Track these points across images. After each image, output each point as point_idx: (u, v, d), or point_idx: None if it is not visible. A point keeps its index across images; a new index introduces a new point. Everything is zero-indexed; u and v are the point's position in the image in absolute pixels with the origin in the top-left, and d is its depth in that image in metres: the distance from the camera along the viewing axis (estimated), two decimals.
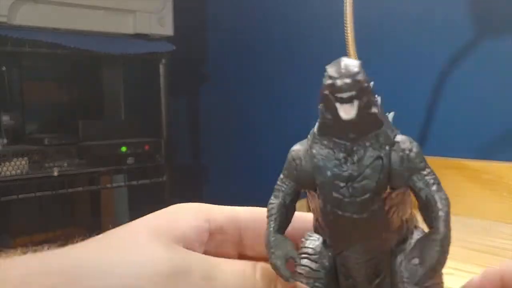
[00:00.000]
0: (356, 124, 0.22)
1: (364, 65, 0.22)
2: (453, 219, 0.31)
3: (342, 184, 0.23)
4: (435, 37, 0.79)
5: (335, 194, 0.23)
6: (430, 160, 0.28)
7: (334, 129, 0.23)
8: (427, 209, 0.22)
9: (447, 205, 0.22)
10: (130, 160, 1.12)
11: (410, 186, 0.23)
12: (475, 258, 0.52)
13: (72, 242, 0.24)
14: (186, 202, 0.26)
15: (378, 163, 0.23)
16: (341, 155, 0.23)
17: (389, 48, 0.84)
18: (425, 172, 0.23)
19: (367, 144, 0.23)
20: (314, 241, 0.27)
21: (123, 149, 1.12)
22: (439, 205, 0.22)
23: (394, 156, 0.23)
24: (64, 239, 0.25)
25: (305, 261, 0.28)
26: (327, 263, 0.27)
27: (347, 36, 0.65)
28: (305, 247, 0.27)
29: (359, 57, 0.66)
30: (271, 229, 0.25)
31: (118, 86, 1.31)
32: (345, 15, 0.66)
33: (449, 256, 0.28)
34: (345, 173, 0.23)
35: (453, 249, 0.29)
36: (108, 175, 1.21)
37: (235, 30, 1.22)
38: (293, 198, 0.26)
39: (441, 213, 0.22)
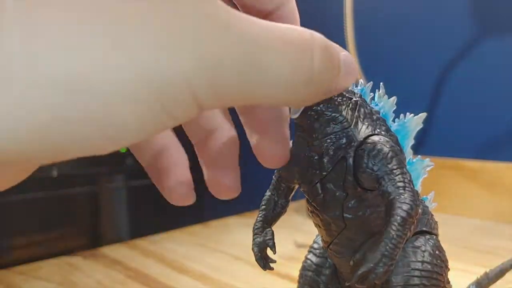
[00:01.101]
0: (311, 123, 0.23)
1: (363, 65, 0.22)
2: (452, 218, 0.31)
3: (315, 181, 0.24)
4: (434, 37, 0.79)
5: (310, 190, 0.24)
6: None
7: (302, 128, 0.24)
8: (387, 212, 0.22)
9: (407, 211, 0.21)
10: (129, 161, 1.12)
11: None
12: (474, 258, 0.52)
13: (71, 243, 0.23)
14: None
15: (342, 163, 0.23)
16: (313, 153, 0.23)
17: (389, 48, 0.84)
18: (392, 175, 0.22)
19: (333, 144, 0.23)
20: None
21: (123, 149, 1.12)
22: (394, 210, 0.21)
23: (361, 157, 0.23)
24: (63, 239, 0.24)
25: (309, 255, 0.29)
26: (330, 259, 0.28)
27: (347, 36, 0.66)
28: (314, 242, 0.29)
29: (359, 57, 0.66)
30: (258, 218, 0.26)
31: None
32: (345, 15, 0.66)
33: (448, 256, 0.28)
34: (317, 171, 0.24)
35: (452, 249, 0.30)
36: (108, 175, 1.21)
37: None
38: (284, 191, 0.27)
39: (394, 218, 0.21)
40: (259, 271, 0.45)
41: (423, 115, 0.27)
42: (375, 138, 0.23)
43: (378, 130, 0.24)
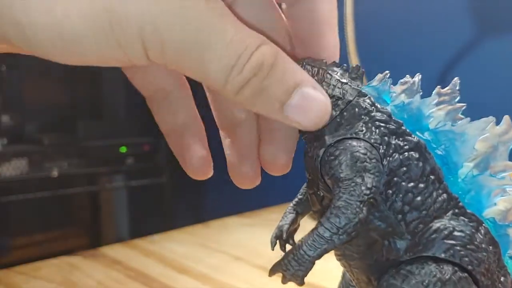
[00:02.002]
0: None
1: (363, 66, 0.22)
2: None
3: (309, 178, 0.24)
4: (434, 38, 0.79)
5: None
6: None
7: None
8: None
9: (333, 222, 0.20)
10: (129, 161, 1.12)
11: None
12: None
13: (71, 243, 0.24)
14: (186, 203, 0.26)
15: (316, 163, 0.23)
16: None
17: (389, 48, 0.84)
18: (345, 182, 0.21)
19: (312, 144, 0.23)
20: None
21: (123, 149, 1.12)
22: (322, 218, 0.21)
23: (325, 160, 0.22)
24: (63, 239, 0.24)
25: None
26: None
27: (347, 36, 0.65)
28: None
29: (359, 57, 0.66)
30: (292, 203, 0.26)
31: (118, 86, 1.31)
32: (345, 15, 0.66)
33: None
34: (307, 170, 0.24)
35: None
36: (108, 175, 1.21)
37: None
38: None
39: (319, 225, 0.20)
40: (259, 271, 0.45)
41: (489, 119, 0.23)
42: (346, 142, 0.21)
43: (363, 133, 0.22)
